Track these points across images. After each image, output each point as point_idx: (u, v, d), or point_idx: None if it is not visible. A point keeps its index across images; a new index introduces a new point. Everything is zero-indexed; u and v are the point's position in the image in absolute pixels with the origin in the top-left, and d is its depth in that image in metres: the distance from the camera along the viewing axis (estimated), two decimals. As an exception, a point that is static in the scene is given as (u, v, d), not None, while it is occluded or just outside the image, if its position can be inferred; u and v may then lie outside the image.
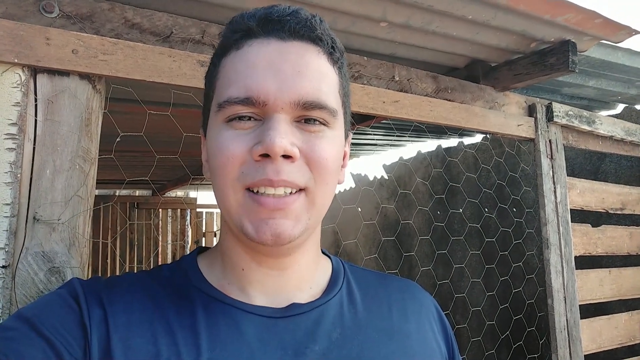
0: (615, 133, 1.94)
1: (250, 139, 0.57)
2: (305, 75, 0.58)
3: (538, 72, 1.50)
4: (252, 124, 0.58)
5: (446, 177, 3.36)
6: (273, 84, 0.57)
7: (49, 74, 0.87)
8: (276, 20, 0.59)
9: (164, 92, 1.26)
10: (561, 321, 1.65)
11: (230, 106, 0.58)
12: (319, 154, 0.59)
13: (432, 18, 1.25)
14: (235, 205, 0.58)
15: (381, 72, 1.38)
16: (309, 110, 0.58)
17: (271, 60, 0.58)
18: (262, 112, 0.58)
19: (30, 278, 0.82)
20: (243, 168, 0.57)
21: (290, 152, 0.56)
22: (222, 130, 0.59)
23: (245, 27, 0.60)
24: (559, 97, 2.21)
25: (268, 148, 0.55)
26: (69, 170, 0.87)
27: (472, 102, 1.58)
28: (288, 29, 0.59)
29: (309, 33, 0.60)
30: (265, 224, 0.57)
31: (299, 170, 0.58)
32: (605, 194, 1.94)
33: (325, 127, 0.60)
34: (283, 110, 0.57)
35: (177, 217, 6.21)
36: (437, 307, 0.78)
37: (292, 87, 0.57)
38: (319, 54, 0.61)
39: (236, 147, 0.57)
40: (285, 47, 0.59)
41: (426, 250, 3.60)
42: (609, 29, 1.32)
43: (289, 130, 0.57)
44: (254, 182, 0.56)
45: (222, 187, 0.59)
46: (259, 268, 0.64)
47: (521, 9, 1.20)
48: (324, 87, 0.60)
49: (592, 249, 1.85)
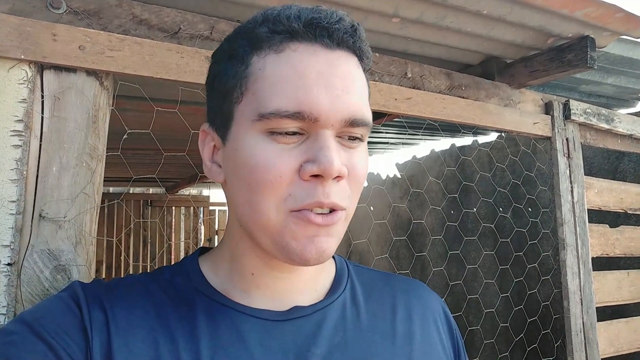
0: (635, 131, 1.89)
1: (296, 154, 0.54)
2: (352, 91, 0.56)
3: (555, 69, 1.46)
4: (297, 139, 0.55)
5: (460, 176, 3.32)
6: (325, 99, 0.54)
7: (56, 71, 0.86)
8: (325, 26, 0.56)
9: (173, 89, 1.25)
10: (577, 324, 1.61)
11: (278, 119, 0.53)
12: (358, 171, 0.58)
13: (446, 13, 1.22)
14: (279, 226, 0.55)
15: (393, 69, 1.35)
16: (354, 127, 0.56)
17: (321, 72, 0.55)
18: (309, 127, 0.55)
19: (35, 276, 0.81)
20: (291, 189, 0.54)
21: (343, 172, 0.54)
22: (263, 142, 0.55)
23: (290, 28, 0.56)
24: (576, 95, 2.16)
25: (325, 170, 0.52)
26: (76, 168, 0.87)
27: (487, 99, 1.54)
28: (336, 37, 0.56)
29: (353, 44, 0.58)
30: (311, 242, 0.55)
31: (343, 190, 0.56)
32: (624, 194, 1.89)
33: (361, 141, 0.59)
34: (332, 127, 0.55)
35: (190, 214, 6.25)
36: (444, 307, 0.76)
37: (342, 104, 0.55)
38: (359, 65, 0.60)
39: (283, 165, 0.54)
40: (333, 58, 0.56)
41: (439, 250, 3.56)
42: (630, 23, 1.28)
43: (337, 148, 0.56)
44: (304, 206, 0.54)
45: (262, 206, 0.55)
46: (271, 272, 0.63)
47: (538, 3, 1.17)
48: (365, 102, 0.59)
49: (610, 250, 1.80)
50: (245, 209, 0.58)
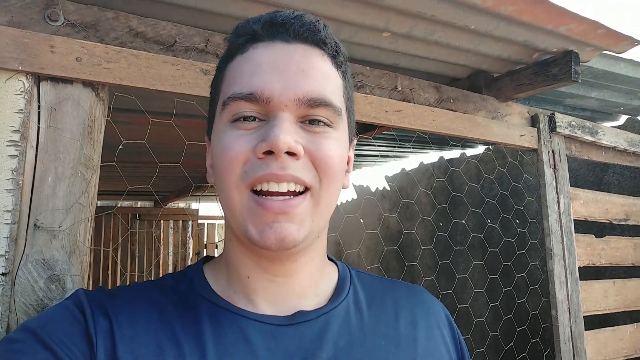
0: (618, 144, 1.94)
1: (254, 137, 0.57)
2: (309, 74, 0.59)
3: (541, 83, 1.50)
4: (256, 124, 0.58)
5: (449, 187, 3.35)
6: (278, 81, 0.57)
7: (53, 82, 0.87)
8: (281, 23, 0.60)
9: (167, 101, 1.26)
10: (565, 332, 1.63)
11: (234, 102, 0.58)
12: (324, 153, 0.58)
13: (435, 28, 1.25)
14: (240, 207, 0.58)
15: (384, 82, 1.38)
16: (313, 108, 0.58)
17: (276, 60, 0.58)
18: (265, 111, 0.58)
19: (30, 286, 0.81)
20: (246, 167, 0.57)
21: (294, 148, 0.55)
22: (227, 130, 0.59)
23: (250, 31, 0.61)
24: (561, 108, 2.21)
25: (272, 144, 0.54)
26: (71, 178, 0.87)
27: (475, 112, 1.58)
28: (292, 31, 0.60)
29: (313, 36, 0.61)
30: (269, 227, 0.56)
31: (304, 167, 0.57)
32: (609, 205, 1.93)
33: (329, 127, 0.60)
34: (287, 107, 0.57)
35: (179, 228, 6.19)
36: (446, 312, 0.77)
37: (296, 84, 0.57)
38: (323, 56, 0.62)
39: (240, 146, 0.57)
40: (290, 49, 0.59)
41: (428, 262, 3.57)
42: (611, 39, 1.32)
43: (293, 128, 0.57)
44: (258, 177, 0.56)
45: (226, 189, 0.58)
46: (264, 275, 0.63)
47: (524, 19, 1.21)
48: (328, 87, 0.60)
49: (596, 259, 1.84)
50: (220, 198, 0.61)
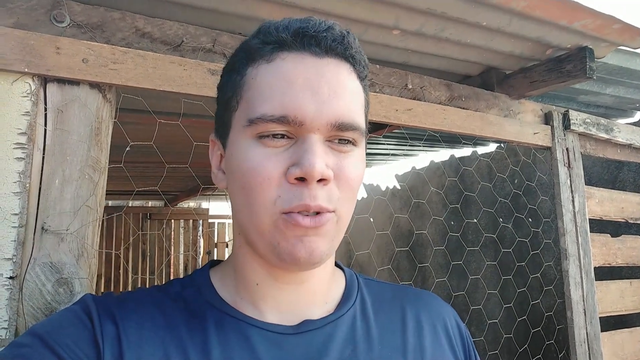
0: (634, 141, 1.89)
1: (284, 158, 0.56)
2: (340, 95, 0.57)
3: (554, 79, 1.47)
4: (285, 142, 0.57)
5: (461, 186, 3.32)
6: (311, 104, 0.55)
7: (59, 83, 0.87)
8: (312, 35, 0.57)
9: (175, 102, 1.25)
10: (581, 334, 1.60)
11: (264, 124, 0.56)
12: (347, 175, 0.58)
13: (446, 25, 1.23)
14: (270, 228, 0.57)
15: (394, 80, 1.36)
16: (343, 132, 0.57)
17: (308, 78, 0.56)
18: (296, 131, 0.56)
19: (38, 289, 0.81)
20: (279, 191, 0.56)
21: (326, 175, 0.55)
22: (253, 146, 0.57)
23: (279, 39, 0.58)
24: (575, 105, 2.17)
25: (307, 173, 0.54)
26: (78, 180, 0.87)
27: (487, 110, 1.55)
28: (324, 45, 0.58)
29: (344, 51, 0.59)
30: (300, 241, 0.56)
31: (330, 193, 0.57)
32: (625, 203, 1.89)
33: (354, 146, 0.60)
34: (319, 131, 0.56)
35: (189, 227, 6.22)
36: (455, 317, 0.75)
37: (329, 108, 0.56)
38: (351, 72, 0.60)
39: (271, 168, 0.56)
40: (322, 65, 0.57)
41: (440, 261, 3.54)
42: (627, 34, 1.29)
43: (323, 151, 0.56)
44: (291, 208, 0.55)
45: (255, 208, 0.57)
46: (275, 283, 0.63)
47: (537, 14, 1.18)
48: (356, 108, 0.59)
49: (612, 259, 1.80)
50: (242, 212, 0.60)
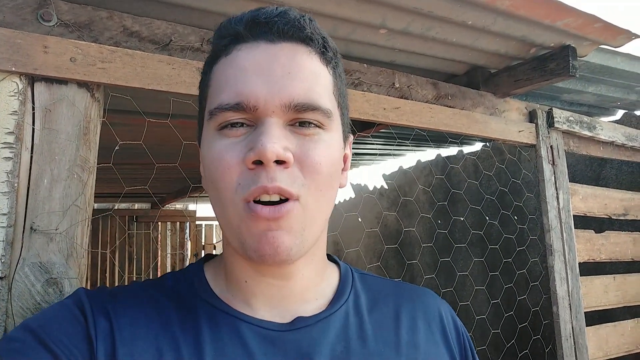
0: (616, 138, 1.93)
1: (242, 146, 0.55)
2: (295, 76, 0.56)
3: (538, 78, 1.49)
4: (245, 130, 0.56)
5: (448, 184, 3.35)
6: (263, 87, 0.55)
7: (47, 83, 0.86)
8: (264, 22, 0.57)
9: (163, 103, 1.25)
10: (567, 329, 1.63)
11: (221, 113, 0.56)
12: (312, 159, 0.56)
13: (432, 24, 1.25)
14: (237, 221, 0.56)
15: (381, 79, 1.37)
16: (301, 113, 0.56)
17: (260, 63, 0.56)
18: (253, 117, 0.56)
19: (27, 289, 0.80)
20: (239, 179, 0.55)
21: (283, 157, 0.53)
22: (215, 139, 0.57)
23: (233, 31, 0.59)
24: (558, 104, 2.20)
25: (260, 154, 0.52)
26: (67, 180, 0.86)
27: (473, 108, 1.57)
28: (276, 30, 0.57)
29: (298, 33, 0.58)
30: (264, 236, 0.54)
31: (291, 176, 0.55)
32: (608, 200, 1.93)
33: (320, 129, 0.58)
34: (274, 113, 0.55)
35: (177, 229, 6.17)
36: (452, 313, 0.75)
37: (282, 89, 0.55)
38: (310, 54, 0.59)
39: (230, 157, 0.55)
40: (275, 50, 0.57)
41: (428, 260, 3.57)
42: (608, 33, 1.32)
43: (281, 134, 0.55)
44: (250, 192, 0.54)
45: (222, 201, 0.57)
46: (262, 279, 0.62)
47: (521, 13, 1.20)
48: (316, 88, 0.57)
49: (596, 255, 1.83)
50: (216, 209, 0.60)
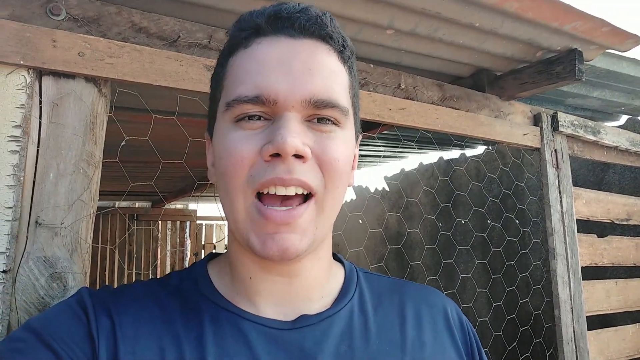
0: (620, 143, 1.93)
1: (260, 139, 0.55)
2: (316, 73, 0.56)
3: (544, 81, 1.49)
4: (262, 124, 0.56)
5: (451, 186, 3.35)
6: (284, 82, 0.55)
7: (55, 77, 0.86)
8: (286, 17, 0.58)
9: (170, 100, 1.25)
10: (568, 333, 1.62)
11: (239, 105, 0.56)
12: (330, 155, 0.56)
13: (439, 25, 1.24)
14: (244, 216, 0.56)
15: (387, 80, 1.37)
16: (320, 109, 0.56)
17: (281, 58, 0.56)
18: (272, 112, 0.56)
19: (31, 284, 0.80)
20: (252, 170, 0.55)
21: (302, 151, 0.53)
22: (231, 130, 0.57)
23: (254, 24, 0.59)
24: (562, 108, 2.20)
25: (279, 147, 0.52)
26: (73, 174, 0.86)
27: (478, 110, 1.57)
28: (298, 26, 0.57)
29: (319, 30, 0.58)
30: (271, 238, 0.54)
31: (311, 170, 0.55)
32: (611, 205, 1.93)
33: (336, 127, 0.58)
34: (294, 108, 0.55)
35: (177, 229, 6.18)
36: (458, 311, 0.74)
37: (303, 85, 0.55)
38: (330, 52, 0.59)
39: (246, 148, 0.55)
40: (296, 45, 0.57)
41: (430, 261, 3.56)
42: (616, 37, 1.32)
43: (300, 129, 0.55)
44: (265, 182, 0.54)
45: (231, 193, 0.56)
46: (267, 276, 0.62)
47: (529, 16, 1.20)
48: (335, 86, 0.58)
49: (599, 259, 1.83)
50: (224, 202, 0.59)
